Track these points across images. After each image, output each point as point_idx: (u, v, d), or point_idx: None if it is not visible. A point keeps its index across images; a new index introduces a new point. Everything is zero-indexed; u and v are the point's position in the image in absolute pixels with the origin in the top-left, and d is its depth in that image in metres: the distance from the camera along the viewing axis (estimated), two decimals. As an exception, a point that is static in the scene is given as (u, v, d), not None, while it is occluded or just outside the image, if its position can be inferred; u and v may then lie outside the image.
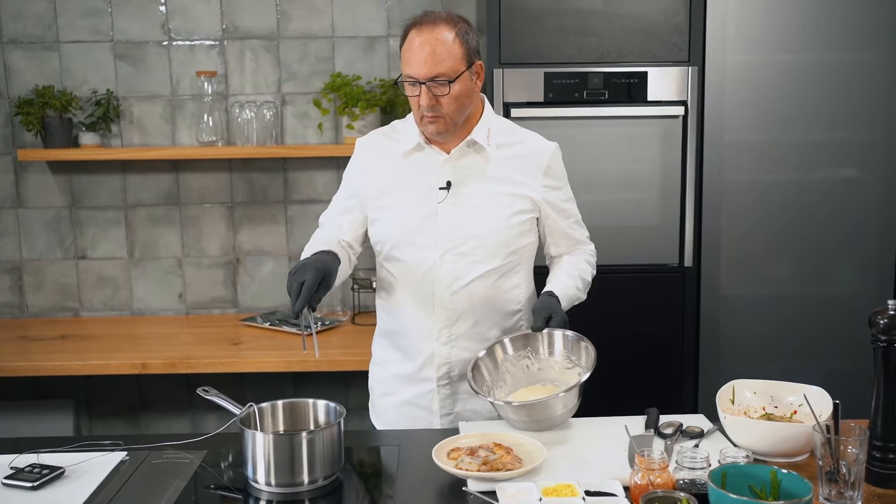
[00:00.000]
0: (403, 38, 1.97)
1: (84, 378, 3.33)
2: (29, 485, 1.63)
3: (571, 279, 2.09)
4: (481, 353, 2.00)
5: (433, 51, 1.91)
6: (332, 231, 2.08)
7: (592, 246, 2.22)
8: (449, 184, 2.01)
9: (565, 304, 2.02)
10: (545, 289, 2.05)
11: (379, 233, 2.08)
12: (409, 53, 1.94)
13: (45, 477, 1.65)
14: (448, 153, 2.03)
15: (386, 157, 2.08)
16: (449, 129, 1.98)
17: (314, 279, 1.80)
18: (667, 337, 2.92)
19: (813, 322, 2.95)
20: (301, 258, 1.97)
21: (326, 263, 1.87)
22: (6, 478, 1.65)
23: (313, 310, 1.83)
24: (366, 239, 2.13)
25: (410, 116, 2.08)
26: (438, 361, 2.06)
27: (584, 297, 2.12)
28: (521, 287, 2.10)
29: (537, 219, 2.09)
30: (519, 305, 2.10)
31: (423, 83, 1.92)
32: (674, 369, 2.93)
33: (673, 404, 2.80)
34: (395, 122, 2.15)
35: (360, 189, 2.09)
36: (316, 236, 2.09)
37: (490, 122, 2.06)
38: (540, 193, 2.06)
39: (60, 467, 1.69)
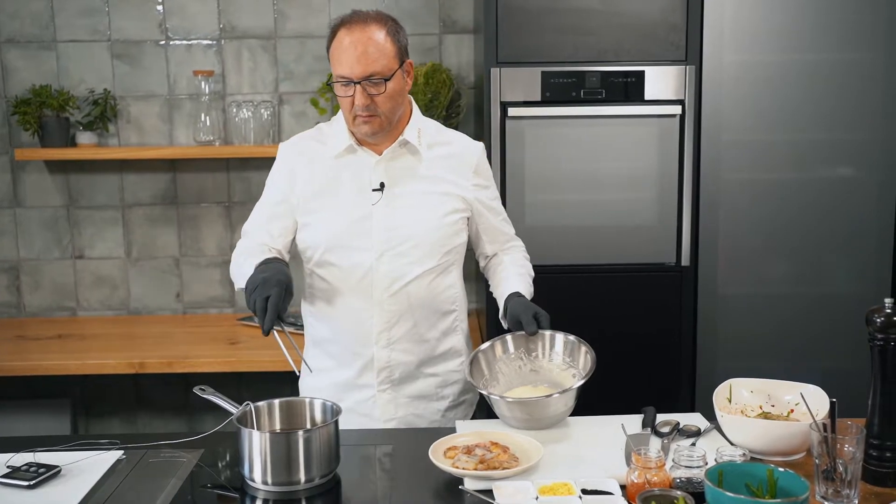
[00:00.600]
0: (332, 37, 1.94)
1: (81, 377, 3.33)
2: (26, 483, 1.63)
3: (522, 277, 2.10)
4: (483, 347, 1.99)
5: (365, 50, 1.89)
6: (262, 238, 2.03)
7: (521, 241, 2.23)
8: (382, 185, 2.00)
9: None
10: (510, 291, 2.03)
11: (310, 237, 2.04)
12: (340, 53, 1.91)
13: (42, 476, 1.65)
14: (380, 154, 2.01)
15: (315, 160, 2.04)
16: (384, 129, 1.97)
17: (279, 293, 1.77)
18: (664, 336, 2.92)
19: (810, 321, 2.95)
20: (237, 270, 1.94)
21: (284, 272, 1.84)
22: (3, 476, 1.65)
23: (284, 322, 1.80)
24: (293, 247, 2.09)
25: (336, 119, 2.06)
26: (378, 366, 2.04)
27: (533, 292, 2.11)
28: (455, 287, 2.10)
29: (468, 218, 2.10)
30: (454, 305, 2.10)
31: (358, 83, 1.90)
32: (671, 368, 2.93)
33: (670, 403, 2.80)
34: (321, 125, 2.12)
35: (289, 194, 2.04)
36: (244, 246, 2.03)
37: (419, 122, 2.06)
38: (471, 192, 2.07)
39: (57, 466, 1.69)
